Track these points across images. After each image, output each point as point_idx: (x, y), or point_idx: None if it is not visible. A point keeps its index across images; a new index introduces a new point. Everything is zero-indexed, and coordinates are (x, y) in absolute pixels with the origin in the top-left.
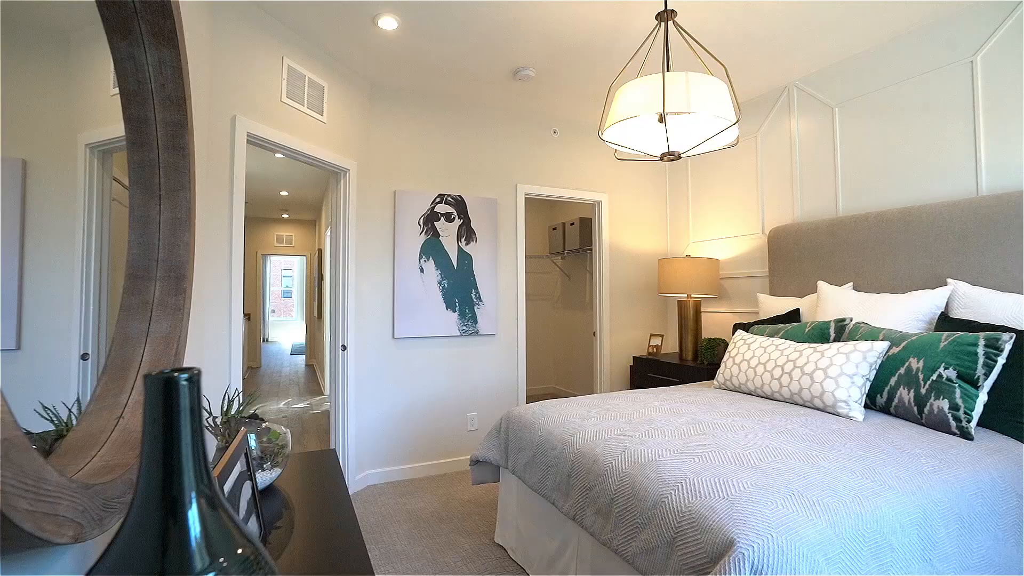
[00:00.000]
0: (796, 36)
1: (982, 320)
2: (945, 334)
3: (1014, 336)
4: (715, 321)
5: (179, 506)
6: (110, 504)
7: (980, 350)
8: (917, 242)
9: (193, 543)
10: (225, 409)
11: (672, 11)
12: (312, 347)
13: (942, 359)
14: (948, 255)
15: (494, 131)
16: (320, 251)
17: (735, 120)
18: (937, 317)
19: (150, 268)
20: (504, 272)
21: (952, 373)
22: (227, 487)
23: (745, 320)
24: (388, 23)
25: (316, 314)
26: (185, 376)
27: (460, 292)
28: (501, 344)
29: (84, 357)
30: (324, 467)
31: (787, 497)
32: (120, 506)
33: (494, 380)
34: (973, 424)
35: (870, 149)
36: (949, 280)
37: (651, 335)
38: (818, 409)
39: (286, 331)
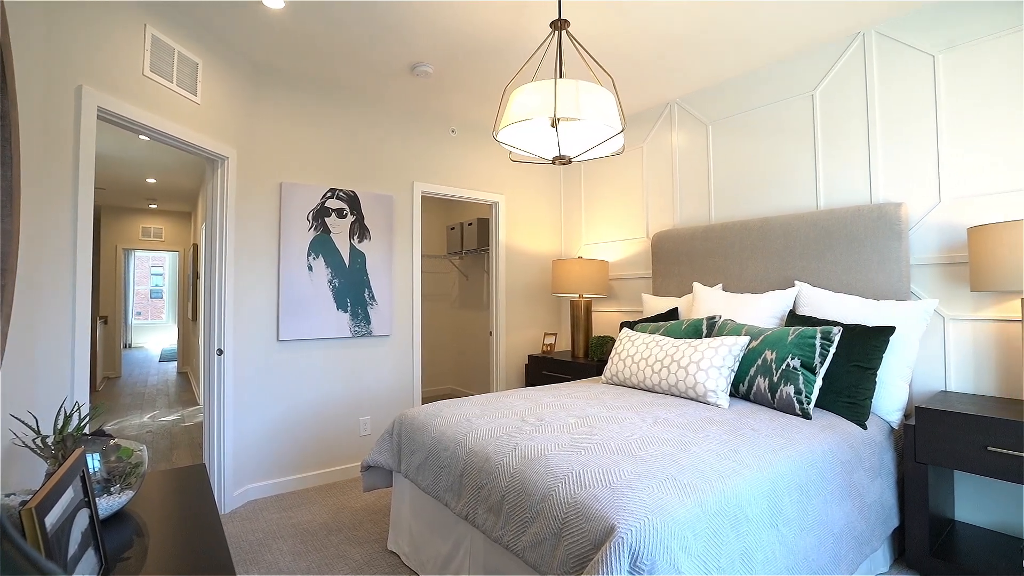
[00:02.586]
0: (678, 58)
1: (820, 317)
2: (792, 329)
3: (841, 330)
4: (604, 320)
5: None
6: None
7: (817, 342)
8: (772, 248)
9: None
10: (60, 427)
11: (565, 21)
12: (186, 352)
13: (790, 351)
14: (796, 260)
15: (391, 126)
16: (196, 246)
17: (621, 128)
18: (787, 314)
19: None
20: (400, 271)
21: (797, 363)
22: (53, 519)
23: (631, 318)
24: (274, 1)
25: (191, 316)
26: None
27: (352, 292)
28: (396, 345)
29: None
30: (190, 485)
31: (662, 482)
32: None
33: (388, 382)
34: (812, 405)
35: (737, 164)
36: (796, 282)
37: (545, 334)
38: (692, 399)
39: (155, 335)
